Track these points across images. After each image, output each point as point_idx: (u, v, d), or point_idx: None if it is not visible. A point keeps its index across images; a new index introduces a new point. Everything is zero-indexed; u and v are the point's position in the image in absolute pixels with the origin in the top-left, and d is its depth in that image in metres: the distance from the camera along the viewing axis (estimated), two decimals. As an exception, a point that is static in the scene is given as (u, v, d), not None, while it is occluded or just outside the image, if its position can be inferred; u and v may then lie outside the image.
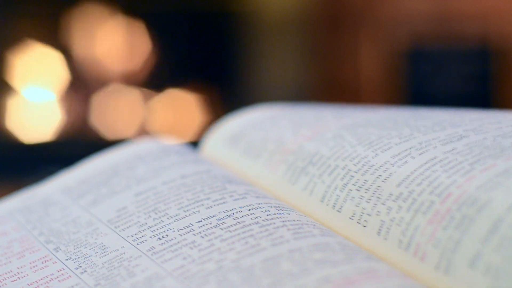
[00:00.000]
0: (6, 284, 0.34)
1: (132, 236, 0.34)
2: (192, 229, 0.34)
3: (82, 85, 1.70)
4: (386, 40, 1.70)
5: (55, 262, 0.34)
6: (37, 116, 1.70)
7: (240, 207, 0.35)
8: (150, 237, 0.34)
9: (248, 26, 1.71)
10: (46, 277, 0.33)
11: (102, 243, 0.34)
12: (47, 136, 1.69)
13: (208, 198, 0.36)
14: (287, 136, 0.41)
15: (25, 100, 1.69)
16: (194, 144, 0.48)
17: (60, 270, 0.33)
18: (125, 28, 1.72)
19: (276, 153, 0.40)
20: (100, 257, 0.33)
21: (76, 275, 0.33)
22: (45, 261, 0.35)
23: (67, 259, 0.34)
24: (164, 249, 0.33)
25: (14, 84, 1.68)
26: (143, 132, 1.69)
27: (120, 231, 0.35)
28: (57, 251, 0.35)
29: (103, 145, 0.67)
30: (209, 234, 0.33)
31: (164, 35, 1.74)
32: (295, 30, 1.71)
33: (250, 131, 0.43)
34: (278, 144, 0.41)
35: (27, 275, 0.34)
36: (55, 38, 1.69)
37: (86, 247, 0.34)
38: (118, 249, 0.34)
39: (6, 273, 0.34)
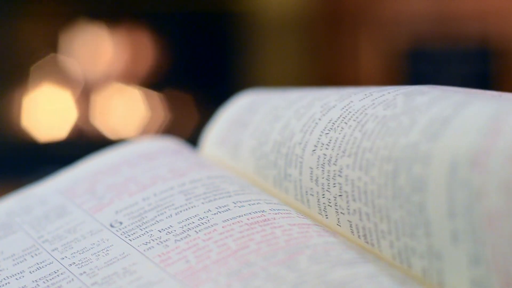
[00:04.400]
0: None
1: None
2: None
3: (82, 85, 1.70)
4: (386, 40, 1.70)
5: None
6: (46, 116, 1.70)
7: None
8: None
9: (248, 26, 1.71)
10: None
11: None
12: (54, 136, 1.69)
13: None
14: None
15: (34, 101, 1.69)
16: (193, 144, 0.48)
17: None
18: (125, 28, 1.72)
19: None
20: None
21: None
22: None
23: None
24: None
25: (23, 86, 1.68)
26: (143, 131, 1.69)
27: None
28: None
29: (103, 144, 0.67)
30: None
31: (164, 35, 1.74)
32: (295, 30, 1.71)
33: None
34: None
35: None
36: (55, 38, 1.69)
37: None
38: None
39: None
